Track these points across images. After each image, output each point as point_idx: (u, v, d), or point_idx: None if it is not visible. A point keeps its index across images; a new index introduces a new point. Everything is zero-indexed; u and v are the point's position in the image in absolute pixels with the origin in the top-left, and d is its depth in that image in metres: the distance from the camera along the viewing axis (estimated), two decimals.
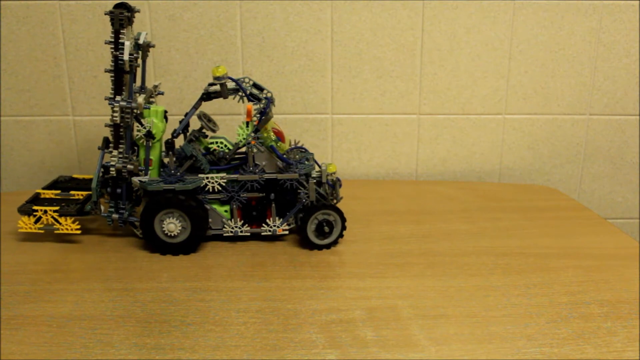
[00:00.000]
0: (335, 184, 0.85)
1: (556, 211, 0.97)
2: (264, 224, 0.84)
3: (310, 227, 0.82)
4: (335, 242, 0.83)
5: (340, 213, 0.82)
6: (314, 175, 0.84)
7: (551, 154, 1.15)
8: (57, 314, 0.66)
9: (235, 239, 0.85)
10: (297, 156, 0.86)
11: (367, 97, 1.11)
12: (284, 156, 0.82)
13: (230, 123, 1.10)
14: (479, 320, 0.66)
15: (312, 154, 0.87)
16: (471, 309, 0.68)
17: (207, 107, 1.06)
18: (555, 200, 1.03)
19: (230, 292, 0.71)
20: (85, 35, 1.05)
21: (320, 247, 0.83)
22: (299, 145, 0.89)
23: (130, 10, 0.80)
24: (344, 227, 0.83)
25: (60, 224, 0.84)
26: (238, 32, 1.06)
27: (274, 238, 0.85)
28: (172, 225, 0.80)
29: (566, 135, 1.14)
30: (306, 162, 0.84)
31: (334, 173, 0.84)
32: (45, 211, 0.84)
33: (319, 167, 0.85)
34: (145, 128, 0.81)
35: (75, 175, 0.97)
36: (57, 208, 0.84)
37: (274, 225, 0.83)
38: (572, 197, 1.11)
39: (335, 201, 0.85)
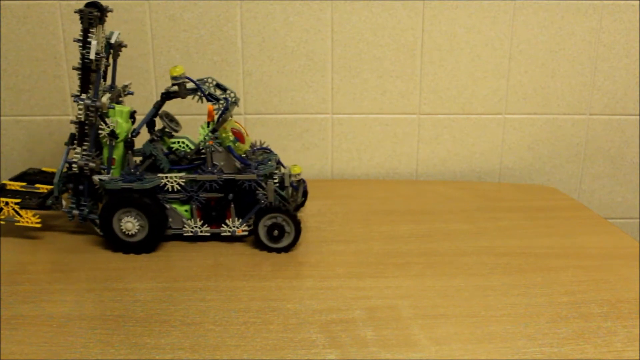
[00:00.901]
0: (299, 186, 0.85)
1: (556, 211, 0.97)
2: (223, 225, 0.84)
3: (261, 230, 0.82)
4: (290, 247, 0.82)
5: (292, 217, 0.80)
6: (275, 176, 0.84)
7: (551, 154, 1.15)
8: (57, 314, 0.66)
9: (195, 239, 0.85)
10: (260, 157, 0.86)
11: (367, 97, 1.11)
12: (243, 157, 0.82)
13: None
14: (479, 320, 0.66)
15: (276, 155, 0.87)
16: (471, 309, 0.68)
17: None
18: (555, 200, 1.03)
19: (230, 292, 0.71)
20: None
21: (277, 251, 0.82)
22: (264, 146, 0.89)
23: (101, 9, 0.81)
24: (298, 233, 0.81)
25: (21, 216, 0.84)
26: (238, 32, 1.06)
27: (234, 239, 0.85)
28: (129, 224, 0.80)
29: (566, 135, 1.14)
30: (268, 163, 0.84)
31: (299, 175, 0.84)
32: (7, 203, 0.84)
33: (283, 168, 0.85)
34: (108, 127, 0.81)
35: (44, 168, 0.96)
36: (18, 200, 0.84)
37: (234, 226, 0.83)
38: (572, 197, 1.11)
39: (295, 203, 0.85)
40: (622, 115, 1.13)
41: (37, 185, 0.89)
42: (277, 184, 0.84)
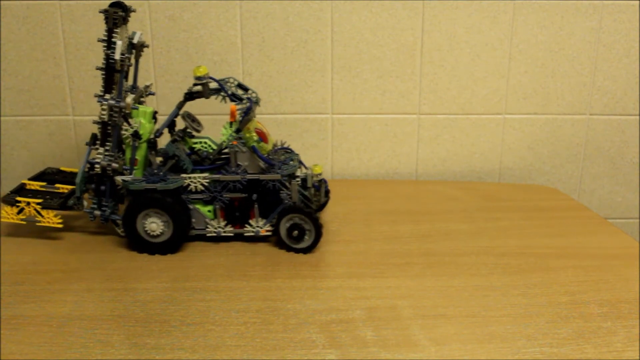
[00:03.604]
0: (320, 186, 0.84)
1: (556, 211, 0.97)
2: (247, 225, 0.83)
3: (283, 230, 0.81)
4: (311, 248, 0.81)
5: (312, 218, 0.80)
6: (299, 176, 0.83)
7: (551, 154, 1.15)
8: (57, 314, 0.66)
9: (218, 239, 0.84)
10: (282, 157, 0.85)
11: (367, 97, 1.11)
12: (266, 157, 0.82)
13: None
14: (479, 320, 0.66)
15: (297, 155, 0.87)
16: (471, 309, 0.68)
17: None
18: (555, 200, 1.03)
19: (230, 292, 0.71)
20: (85, 35, 1.05)
21: (298, 251, 0.82)
22: (285, 145, 0.89)
23: (126, 9, 0.80)
24: (318, 234, 0.81)
25: (42, 216, 0.84)
26: (238, 32, 1.06)
27: (257, 239, 0.85)
28: (154, 225, 0.80)
29: (566, 135, 1.14)
30: (290, 163, 0.83)
31: (320, 174, 0.84)
32: (28, 203, 0.84)
33: (305, 168, 0.85)
34: (132, 128, 0.81)
35: (63, 168, 0.96)
36: (40, 201, 0.84)
37: (257, 226, 0.83)
38: (572, 197, 1.11)
39: (318, 203, 0.84)
40: (622, 115, 1.13)
41: (57, 185, 0.89)
42: (300, 184, 0.83)
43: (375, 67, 1.09)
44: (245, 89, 0.85)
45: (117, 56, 0.79)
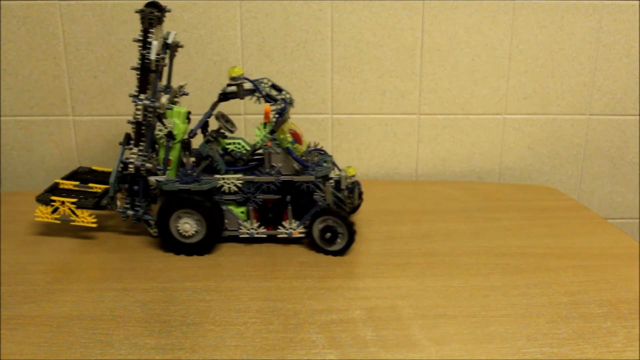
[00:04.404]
0: (354, 188, 0.83)
1: (556, 211, 0.97)
2: (280, 226, 0.83)
3: (316, 232, 0.81)
4: (343, 251, 0.81)
5: (345, 220, 0.79)
6: (332, 178, 0.82)
7: (551, 154, 1.15)
8: (57, 314, 0.66)
9: (251, 240, 0.84)
10: (315, 158, 0.85)
11: (367, 97, 1.11)
12: (300, 158, 0.81)
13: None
14: (479, 320, 0.66)
15: (330, 156, 0.86)
16: (471, 309, 0.68)
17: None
18: (555, 200, 1.03)
19: (230, 292, 0.71)
20: (85, 35, 1.05)
21: (331, 253, 0.81)
22: (318, 147, 0.88)
23: (161, 9, 0.80)
24: (351, 236, 0.80)
25: (76, 216, 0.84)
26: (238, 32, 1.06)
27: (290, 241, 0.85)
28: (187, 226, 0.80)
29: (566, 135, 1.14)
30: (324, 165, 0.82)
31: (353, 176, 0.83)
32: (63, 202, 0.84)
33: (339, 170, 0.84)
34: (166, 128, 0.81)
35: (95, 167, 0.96)
36: (74, 200, 0.84)
37: (290, 228, 0.82)
38: (572, 197, 1.11)
39: (352, 205, 0.83)
40: (622, 115, 1.13)
41: (91, 185, 0.89)
42: (334, 186, 0.82)
43: (375, 67, 1.09)
44: (279, 90, 0.84)
45: (153, 56, 0.79)
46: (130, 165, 0.82)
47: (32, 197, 1.02)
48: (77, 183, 0.90)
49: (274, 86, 0.84)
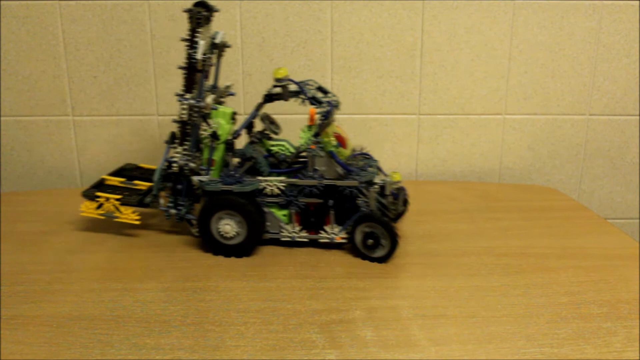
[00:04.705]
0: (399, 194, 0.82)
1: (556, 211, 0.97)
2: (321, 231, 0.81)
3: (358, 238, 0.79)
4: (386, 258, 0.79)
5: (388, 227, 0.77)
6: (377, 184, 0.80)
7: (551, 154, 1.15)
8: (57, 314, 0.66)
9: (292, 244, 0.83)
10: (360, 163, 0.83)
11: (367, 97, 1.11)
12: (344, 162, 0.80)
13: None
14: (479, 320, 0.66)
15: (376, 161, 0.85)
16: (471, 309, 0.68)
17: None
18: (555, 200, 1.03)
19: (230, 292, 0.71)
20: (85, 35, 1.05)
21: (373, 260, 0.79)
22: (364, 151, 0.86)
23: (209, 9, 0.80)
24: (394, 243, 0.78)
25: (120, 212, 0.85)
26: (238, 32, 1.06)
27: (331, 246, 0.83)
28: (227, 227, 0.79)
29: (566, 135, 1.14)
30: (369, 170, 0.81)
31: (399, 182, 0.81)
32: (108, 198, 0.85)
33: (384, 175, 0.83)
34: (211, 128, 0.80)
35: (141, 164, 0.96)
36: (119, 196, 0.85)
37: (332, 233, 0.81)
38: (572, 197, 1.11)
39: (396, 212, 0.82)
40: (622, 115, 1.13)
41: (136, 182, 0.89)
42: (378, 192, 0.80)
43: (375, 67, 1.09)
44: (325, 92, 0.83)
45: (199, 56, 0.78)
46: (174, 164, 0.81)
47: (32, 197, 1.02)
48: (122, 179, 0.90)
49: (320, 88, 0.83)
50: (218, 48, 0.84)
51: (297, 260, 0.79)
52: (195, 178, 0.81)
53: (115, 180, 0.90)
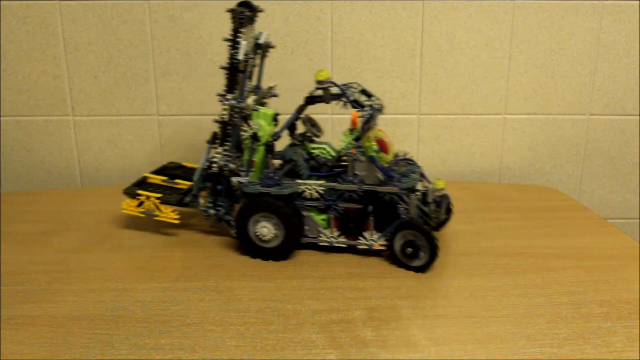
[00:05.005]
0: (442, 202, 0.80)
1: (556, 211, 0.97)
2: (360, 237, 0.79)
3: (397, 246, 0.77)
4: (425, 267, 0.76)
5: (428, 236, 0.75)
6: (419, 190, 0.79)
7: (551, 154, 1.15)
8: (57, 314, 0.66)
9: (330, 249, 0.81)
10: (402, 168, 0.81)
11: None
12: (385, 168, 0.77)
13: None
14: (479, 320, 0.66)
15: (419, 167, 0.83)
16: (471, 309, 0.68)
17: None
18: (555, 200, 1.03)
19: (230, 292, 0.71)
20: (85, 35, 1.05)
21: (412, 269, 0.77)
22: (407, 157, 0.84)
23: (253, 9, 0.79)
24: (434, 253, 0.75)
25: (160, 211, 0.85)
26: None
27: (370, 252, 0.81)
28: (265, 230, 0.78)
29: (566, 135, 1.14)
30: (411, 176, 0.79)
31: (442, 189, 0.80)
32: (148, 197, 0.85)
33: (428, 182, 0.81)
34: (251, 130, 0.80)
35: (184, 163, 0.96)
36: (159, 195, 0.85)
37: (371, 239, 0.79)
38: (572, 197, 1.11)
39: (438, 220, 0.81)
40: (622, 115, 1.13)
41: (177, 181, 0.89)
42: (420, 199, 0.79)
43: (375, 67, 1.09)
44: (369, 95, 0.81)
45: (241, 56, 0.78)
46: (214, 165, 0.81)
47: (31, 197, 1.02)
48: (164, 178, 0.90)
49: (363, 91, 0.81)
50: (262, 49, 0.83)
51: (297, 260, 0.79)
52: (234, 179, 0.80)
53: (157, 179, 0.90)
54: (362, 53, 1.08)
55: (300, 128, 0.84)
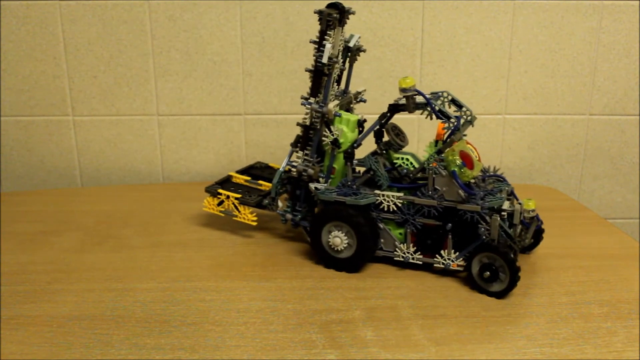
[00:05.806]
0: (531, 224, 0.75)
1: (556, 211, 0.97)
2: (437, 255, 0.75)
3: (475, 268, 0.72)
4: (503, 294, 0.71)
5: (509, 261, 0.69)
6: (505, 210, 0.74)
7: (551, 154, 1.15)
8: (57, 314, 0.66)
9: (404, 265, 0.77)
10: (490, 185, 0.77)
11: (367, 97, 1.10)
12: (468, 184, 0.73)
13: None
14: (479, 320, 0.66)
15: (510, 185, 0.78)
16: (471, 309, 0.68)
17: None
18: (555, 200, 1.03)
19: (230, 292, 0.71)
20: (85, 35, 1.05)
21: (489, 294, 0.71)
22: (498, 173, 0.80)
23: (342, 11, 0.77)
24: (514, 279, 0.70)
25: (239, 212, 0.85)
26: (238, 32, 1.06)
27: (445, 272, 0.76)
28: (337, 239, 0.75)
29: (566, 135, 1.14)
30: (497, 195, 0.74)
31: (533, 210, 0.74)
32: (228, 196, 0.84)
33: (517, 201, 0.77)
34: (332, 135, 0.77)
35: (271, 164, 0.95)
36: (239, 195, 0.84)
37: (448, 259, 0.74)
38: (572, 197, 1.11)
39: (523, 244, 0.76)
40: (622, 115, 1.13)
41: (260, 182, 0.88)
42: (505, 220, 0.75)
43: (375, 67, 1.09)
44: (460, 106, 0.75)
45: (325, 59, 0.75)
46: (293, 169, 0.80)
47: (31, 197, 1.02)
48: (248, 178, 0.89)
49: (454, 101, 0.76)
50: (351, 52, 0.81)
51: (297, 261, 0.79)
52: (312, 185, 0.78)
53: (241, 178, 0.89)
54: (362, 53, 1.08)
55: (386, 136, 0.80)
